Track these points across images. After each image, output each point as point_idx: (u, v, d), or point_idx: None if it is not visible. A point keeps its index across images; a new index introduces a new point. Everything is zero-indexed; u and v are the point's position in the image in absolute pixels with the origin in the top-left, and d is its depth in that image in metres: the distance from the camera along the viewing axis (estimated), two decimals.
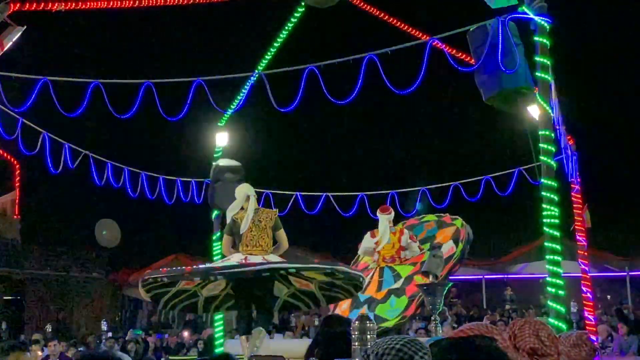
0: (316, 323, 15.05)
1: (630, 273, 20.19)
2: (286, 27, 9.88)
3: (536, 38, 6.93)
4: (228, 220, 7.23)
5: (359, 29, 15.39)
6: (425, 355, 1.98)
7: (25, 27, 8.16)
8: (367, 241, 10.09)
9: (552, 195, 6.65)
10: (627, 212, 20.87)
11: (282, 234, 7.32)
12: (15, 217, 22.28)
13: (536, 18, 6.91)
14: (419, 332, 12.26)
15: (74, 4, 8.48)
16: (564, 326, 6.42)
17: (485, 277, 21.49)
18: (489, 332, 2.56)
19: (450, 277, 9.17)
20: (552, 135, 6.92)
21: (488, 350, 2.10)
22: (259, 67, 9.69)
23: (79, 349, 12.80)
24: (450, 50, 8.14)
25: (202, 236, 12.01)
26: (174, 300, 7.23)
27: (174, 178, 11.04)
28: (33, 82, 7.59)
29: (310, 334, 14.53)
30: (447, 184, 11.98)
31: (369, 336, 2.70)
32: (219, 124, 10.51)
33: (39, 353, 10.82)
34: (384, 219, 9.97)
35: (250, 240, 7.09)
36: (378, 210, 10.18)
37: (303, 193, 11.99)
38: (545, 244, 6.66)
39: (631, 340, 11.69)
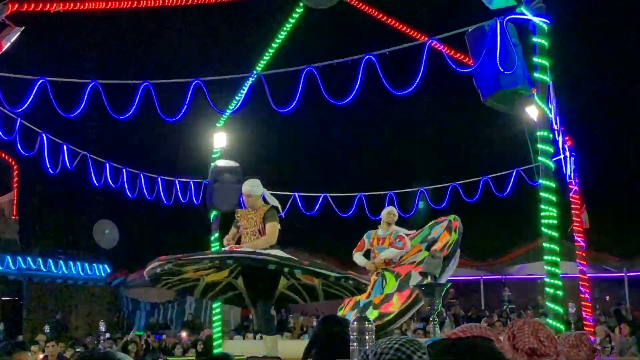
0: (314, 323, 15.07)
1: (628, 274, 20.22)
2: (284, 28, 9.87)
3: (534, 39, 6.93)
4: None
5: (357, 29, 15.39)
6: (423, 355, 1.98)
7: (23, 27, 8.13)
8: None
9: (550, 196, 6.65)
10: (625, 213, 20.89)
11: None
12: (13, 217, 22.30)
13: (534, 19, 6.91)
14: (417, 333, 12.28)
15: (72, 4, 8.47)
16: (562, 327, 6.43)
17: (484, 277, 21.51)
18: (483, 333, 2.56)
19: (449, 278, 9.09)
20: (550, 136, 6.92)
21: (486, 351, 2.10)
22: (258, 68, 9.69)
23: (77, 350, 12.79)
24: (448, 51, 8.14)
25: (200, 237, 11.98)
26: (174, 281, 7.47)
27: (173, 179, 11.02)
28: (31, 82, 7.58)
29: (309, 334, 14.53)
30: (445, 184, 11.97)
31: (367, 337, 2.70)
32: (217, 124, 10.51)
33: (40, 355, 10.80)
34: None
35: None
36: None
37: (301, 194, 11.98)
38: (544, 244, 6.66)
39: (632, 341, 11.69)
